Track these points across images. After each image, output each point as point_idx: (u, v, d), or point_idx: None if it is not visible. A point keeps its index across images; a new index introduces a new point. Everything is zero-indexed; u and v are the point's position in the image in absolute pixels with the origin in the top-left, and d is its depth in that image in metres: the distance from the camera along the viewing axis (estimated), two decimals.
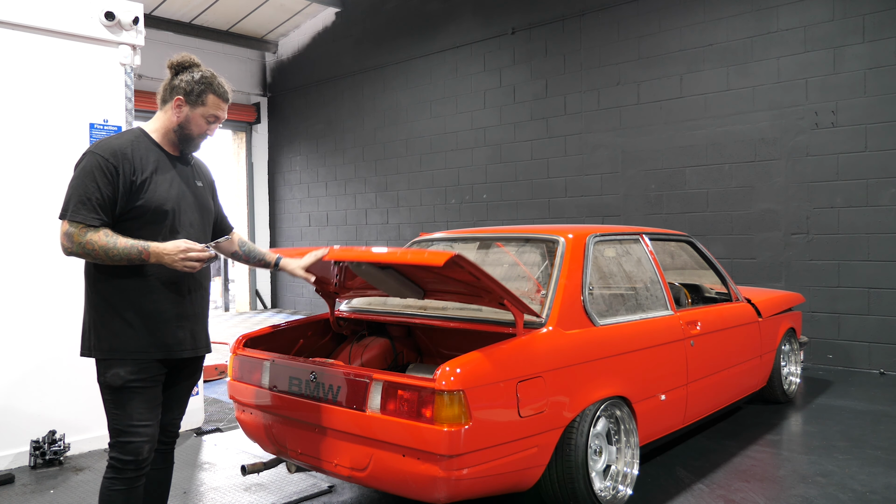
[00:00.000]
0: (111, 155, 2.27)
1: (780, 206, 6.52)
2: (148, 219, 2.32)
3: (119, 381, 2.28)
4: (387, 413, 2.62)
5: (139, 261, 2.24)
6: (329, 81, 10.84)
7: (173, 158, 2.45)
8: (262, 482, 3.56)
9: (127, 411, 2.30)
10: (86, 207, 2.22)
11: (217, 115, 2.44)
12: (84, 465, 3.89)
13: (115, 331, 2.30)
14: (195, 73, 2.40)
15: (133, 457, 2.30)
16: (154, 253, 2.23)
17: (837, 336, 6.27)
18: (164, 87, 2.44)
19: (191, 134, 2.43)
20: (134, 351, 2.30)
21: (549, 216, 8.14)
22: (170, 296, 2.36)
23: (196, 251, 2.25)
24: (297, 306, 11.64)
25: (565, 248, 3.30)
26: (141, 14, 4.35)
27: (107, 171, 2.25)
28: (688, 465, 3.73)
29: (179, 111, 2.40)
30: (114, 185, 2.26)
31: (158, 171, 2.36)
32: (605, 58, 7.65)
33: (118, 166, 2.26)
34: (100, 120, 4.25)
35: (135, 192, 2.29)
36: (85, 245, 2.21)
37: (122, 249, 2.21)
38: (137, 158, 2.32)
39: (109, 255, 2.21)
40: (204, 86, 2.39)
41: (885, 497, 3.24)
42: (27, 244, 3.96)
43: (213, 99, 2.42)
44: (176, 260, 2.23)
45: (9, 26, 3.90)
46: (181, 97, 2.38)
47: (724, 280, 4.57)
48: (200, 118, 2.42)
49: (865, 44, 6.02)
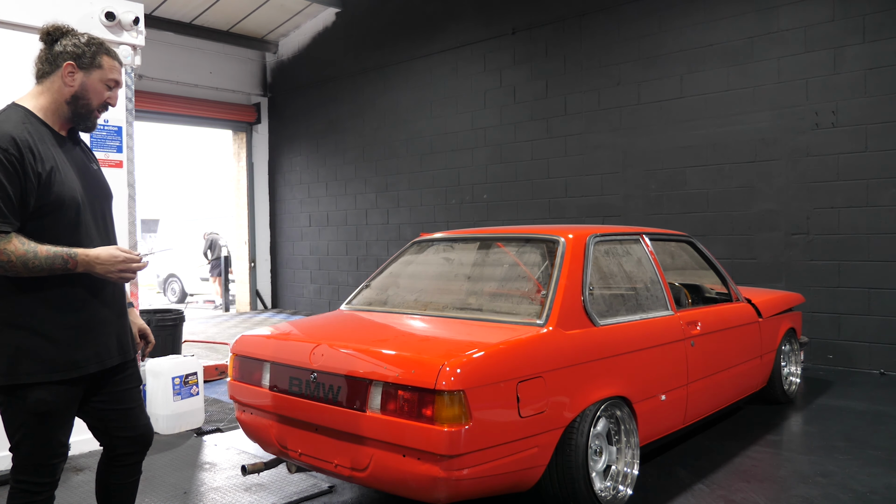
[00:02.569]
0: (10, 144, 1.91)
1: (781, 206, 6.52)
2: (58, 217, 2.00)
3: (44, 407, 1.99)
4: (387, 413, 2.62)
5: (62, 271, 1.95)
6: (329, 81, 10.84)
7: (63, 140, 2.12)
8: (262, 482, 3.56)
9: (55, 436, 2.05)
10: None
11: (117, 79, 2.16)
12: (84, 465, 3.89)
13: (30, 349, 1.97)
14: (80, 37, 2.11)
15: (50, 479, 2.07)
16: (83, 262, 1.96)
17: (838, 336, 6.27)
18: (39, 58, 2.11)
19: (89, 104, 2.12)
20: (61, 371, 2.00)
21: (549, 216, 8.15)
22: (93, 302, 2.08)
23: (136, 261, 2.03)
24: (297, 306, 11.64)
25: (565, 248, 3.31)
26: (141, 14, 4.35)
27: (9, 165, 1.89)
28: (688, 465, 3.73)
29: (72, 79, 2.07)
30: (20, 180, 1.91)
31: (58, 158, 2.03)
32: (605, 58, 7.65)
33: (22, 157, 1.91)
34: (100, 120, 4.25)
35: (42, 186, 1.95)
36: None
37: (44, 259, 1.91)
38: (37, 145, 1.98)
39: (29, 266, 1.90)
40: (95, 47, 2.11)
41: (886, 497, 3.24)
42: None
43: (108, 60, 2.13)
44: (112, 271, 2.00)
45: (9, 26, 3.91)
46: (72, 62, 2.07)
47: (724, 280, 4.57)
48: (99, 83, 2.12)
49: (866, 44, 6.02)
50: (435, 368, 2.54)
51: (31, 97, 2.10)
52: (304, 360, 2.99)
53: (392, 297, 3.79)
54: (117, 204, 4.40)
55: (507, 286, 3.51)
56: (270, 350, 3.19)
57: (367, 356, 2.81)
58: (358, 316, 3.63)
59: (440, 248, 4.04)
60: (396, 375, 2.63)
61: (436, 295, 3.69)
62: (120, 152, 4.36)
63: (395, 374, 2.64)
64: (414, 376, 2.58)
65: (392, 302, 3.74)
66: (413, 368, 2.61)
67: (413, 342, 3.06)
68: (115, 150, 4.34)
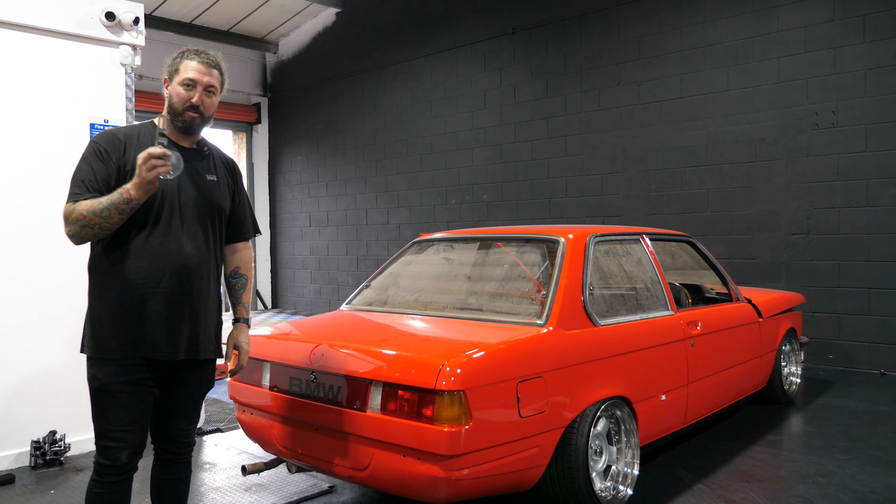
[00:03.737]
0: (104, 140, 2.27)
1: (781, 206, 6.52)
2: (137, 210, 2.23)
3: (96, 384, 2.21)
4: (387, 413, 2.62)
5: (128, 206, 2.12)
6: (329, 81, 10.84)
7: (184, 150, 2.35)
8: (262, 482, 3.56)
9: (105, 415, 2.21)
10: (77, 187, 2.20)
11: (193, 77, 2.29)
12: (84, 465, 3.89)
13: (97, 327, 2.23)
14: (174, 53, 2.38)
15: (110, 462, 2.21)
16: (132, 185, 2.11)
17: (838, 336, 6.27)
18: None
19: (175, 109, 2.31)
20: (112, 350, 2.20)
21: (549, 216, 8.15)
22: (162, 291, 2.23)
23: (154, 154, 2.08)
24: (297, 306, 11.64)
25: (566, 248, 3.31)
26: (141, 14, 4.36)
27: (98, 154, 2.24)
28: (688, 465, 3.73)
29: (167, 92, 2.34)
30: (105, 167, 2.22)
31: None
32: (605, 58, 7.65)
33: (109, 149, 2.24)
34: (100, 120, 4.25)
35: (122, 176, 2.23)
36: (77, 218, 2.14)
37: (106, 202, 2.12)
38: (133, 146, 2.27)
39: (98, 213, 2.12)
40: (179, 56, 2.34)
41: (886, 497, 3.24)
42: (28, 244, 3.97)
43: (184, 63, 2.31)
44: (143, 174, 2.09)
45: (9, 26, 3.91)
46: (166, 77, 2.35)
47: (724, 280, 4.57)
48: (178, 86, 2.30)
49: (866, 44, 6.02)
50: (435, 368, 2.54)
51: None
52: (304, 360, 2.99)
53: (392, 298, 3.79)
54: None
55: (508, 286, 3.50)
56: (270, 350, 3.19)
57: (367, 356, 2.81)
58: (358, 316, 3.63)
59: (440, 248, 4.04)
60: (396, 375, 2.63)
61: (436, 295, 3.69)
62: None
63: (396, 374, 2.64)
64: (414, 376, 2.58)
65: (392, 302, 3.74)
66: (413, 368, 2.61)
67: (413, 342, 3.06)
68: None
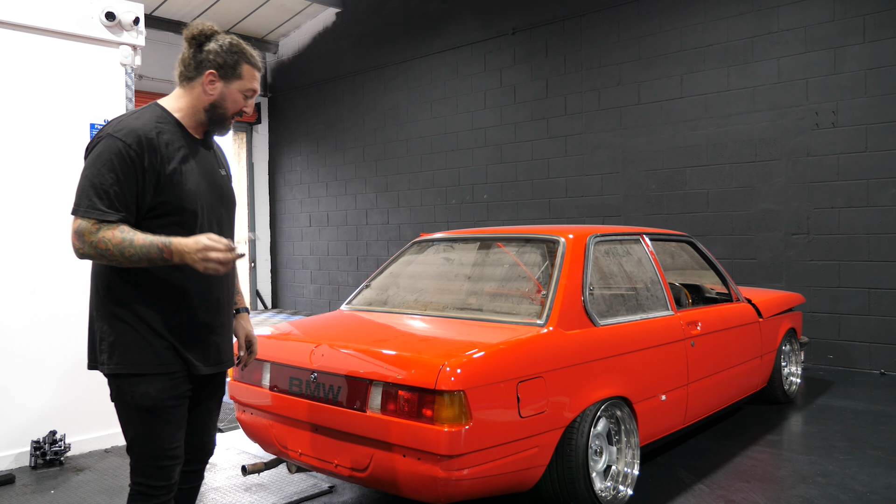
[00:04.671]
0: (134, 141, 1.94)
1: (781, 206, 6.52)
2: (173, 218, 2.01)
3: (150, 402, 1.99)
4: (387, 413, 2.62)
5: (161, 261, 1.91)
6: (330, 81, 10.84)
7: (197, 142, 2.14)
8: (262, 482, 3.56)
9: (158, 434, 2.02)
10: (101, 200, 1.89)
11: (254, 87, 2.16)
12: (84, 465, 3.89)
13: (139, 343, 2.00)
14: (223, 42, 2.10)
15: (166, 482, 2.05)
16: (177, 251, 1.90)
17: (838, 336, 6.27)
18: (184, 61, 2.11)
19: (226, 113, 2.13)
20: (163, 365, 2.01)
21: (549, 216, 8.14)
22: (200, 304, 2.08)
23: (220, 250, 1.90)
24: (297, 306, 11.64)
25: (566, 248, 3.31)
26: (141, 14, 4.36)
27: (128, 159, 1.92)
28: (688, 465, 3.73)
29: (212, 87, 2.09)
30: (136, 176, 1.93)
31: (186, 160, 2.05)
32: (605, 58, 7.65)
33: (143, 155, 1.94)
34: (100, 120, 4.25)
35: (161, 185, 1.98)
36: (97, 244, 1.88)
37: (139, 248, 1.88)
38: (163, 144, 2.00)
39: (125, 254, 1.89)
40: (237, 55, 2.10)
41: (886, 497, 3.24)
42: (28, 244, 3.97)
43: (248, 70, 2.13)
44: (196, 259, 1.90)
45: (9, 26, 3.91)
46: (213, 71, 2.08)
47: (724, 280, 4.57)
48: (237, 93, 2.12)
49: (866, 44, 6.02)
50: (435, 368, 2.54)
51: (172, 98, 2.13)
52: (305, 360, 2.99)
53: (392, 298, 3.79)
54: None
55: (508, 286, 3.51)
56: (270, 350, 3.19)
57: (368, 356, 2.81)
58: (358, 316, 3.63)
59: (440, 249, 4.04)
60: (397, 375, 2.63)
61: (436, 295, 3.69)
62: None
63: (396, 374, 2.64)
64: (414, 376, 2.58)
65: (392, 302, 3.74)
66: (413, 368, 2.61)
67: (413, 342, 3.06)
68: None
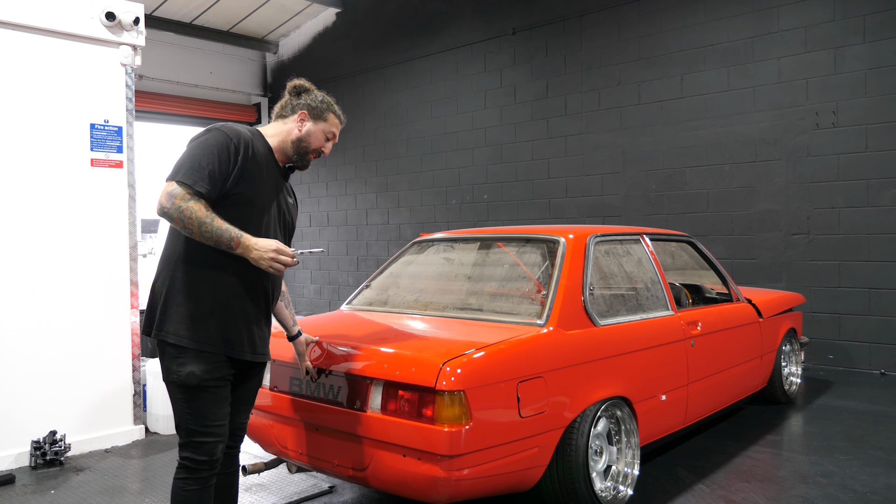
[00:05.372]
0: (236, 136, 2.31)
1: (781, 206, 6.52)
2: (239, 210, 2.31)
3: (195, 381, 2.25)
4: (387, 413, 2.62)
5: (226, 246, 2.21)
6: (330, 81, 10.84)
7: (278, 168, 2.51)
8: (262, 482, 3.56)
9: (202, 411, 2.27)
10: (198, 174, 2.20)
11: (335, 132, 2.58)
12: (84, 465, 3.89)
13: (192, 318, 2.26)
14: (318, 95, 2.57)
15: (207, 457, 2.28)
16: (244, 245, 2.22)
17: (838, 336, 6.27)
18: (283, 105, 2.56)
19: (308, 147, 2.51)
20: (207, 344, 2.26)
21: (549, 216, 8.14)
22: (251, 294, 2.36)
23: (287, 255, 2.26)
24: (297, 306, 11.64)
25: (566, 248, 3.31)
26: (142, 14, 4.36)
27: (228, 149, 2.27)
28: (688, 465, 3.73)
29: (302, 124, 2.51)
30: (230, 163, 2.27)
31: (267, 171, 2.42)
32: (605, 58, 7.65)
33: (239, 148, 2.29)
34: (100, 120, 4.25)
35: (242, 178, 2.30)
36: (184, 210, 2.17)
37: (215, 229, 2.18)
38: (256, 153, 2.37)
39: (202, 229, 2.17)
40: (326, 105, 2.55)
41: (886, 497, 3.24)
42: (29, 245, 3.97)
43: (332, 117, 2.56)
44: (265, 257, 2.23)
45: (9, 26, 3.91)
46: (305, 112, 2.51)
47: (724, 280, 4.57)
48: (321, 133, 2.53)
49: (866, 44, 6.02)
50: (435, 368, 2.54)
51: (269, 127, 2.54)
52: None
53: (392, 298, 3.79)
54: (117, 204, 4.41)
55: (508, 286, 3.50)
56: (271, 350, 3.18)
57: (368, 356, 2.81)
58: (358, 316, 3.63)
59: (440, 249, 4.04)
60: (397, 375, 2.63)
61: (436, 295, 3.69)
62: (120, 152, 4.36)
63: (396, 374, 2.64)
64: (414, 376, 2.58)
65: (392, 302, 3.74)
66: (413, 368, 2.61)
67: (413, 342, 3.05)
68: (116, 150, 4.35)
